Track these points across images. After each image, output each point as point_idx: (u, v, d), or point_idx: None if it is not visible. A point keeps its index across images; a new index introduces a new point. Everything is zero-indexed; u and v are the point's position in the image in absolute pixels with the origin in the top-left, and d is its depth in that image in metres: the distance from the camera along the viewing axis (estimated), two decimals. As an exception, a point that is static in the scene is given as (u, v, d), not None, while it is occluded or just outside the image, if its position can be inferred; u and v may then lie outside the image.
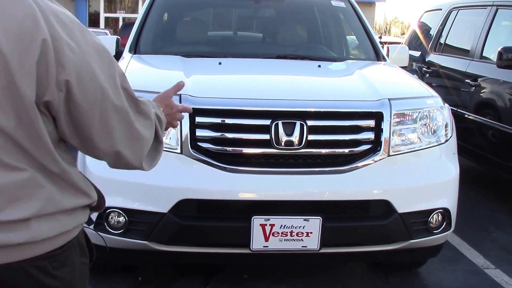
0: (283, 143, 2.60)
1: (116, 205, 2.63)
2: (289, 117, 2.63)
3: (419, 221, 2.71)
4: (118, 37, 4.03)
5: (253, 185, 2.59)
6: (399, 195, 2.66)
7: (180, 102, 2.62)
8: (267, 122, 2.62)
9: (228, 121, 2.64)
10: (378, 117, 2.70)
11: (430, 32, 6.31)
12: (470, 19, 5.60)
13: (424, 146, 2.81)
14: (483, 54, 4.91)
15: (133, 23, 4.18)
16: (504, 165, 4.32)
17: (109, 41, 3.89)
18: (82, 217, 1.32)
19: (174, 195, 2.56)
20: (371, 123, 2.71)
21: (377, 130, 2.70)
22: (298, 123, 2.61)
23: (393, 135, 2.70)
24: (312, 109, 2.68)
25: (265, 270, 3.23)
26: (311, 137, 2.63)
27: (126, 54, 3.59)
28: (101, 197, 1.44)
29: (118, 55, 3.81)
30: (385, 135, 2.68)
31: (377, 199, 2.65)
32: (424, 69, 5.88)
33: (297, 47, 4.03)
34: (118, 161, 1.33)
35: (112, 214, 2.66)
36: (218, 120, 2.64)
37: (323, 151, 2.66)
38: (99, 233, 2.66)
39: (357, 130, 2.70)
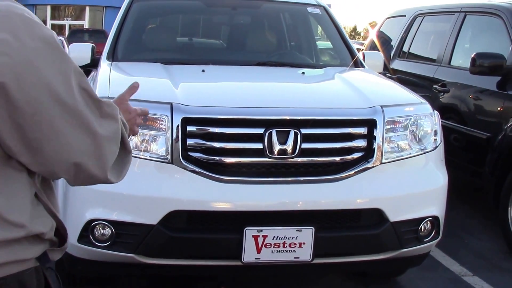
0: (276, 152, 2.59)
1: (102, 217, 2.56)
2: (283, 126, 2.63)
3: (410, 229, 2.76)
4: (93, 44, 3.93)
5: (245, 195, 2.57)
6: (391, 204, 2.70)
7: (172, 111, 2.59)
8: (260, 131, 2.61)
9: (220, 130, 2.61)
10: (370, 124, 2.74)
11: (392, 39, 6.45)
12: (437, 25, 5.78)
13: (414, 153, 2.87)
14: (452, 60, 5.07)
15: (81, 30, 4.07)
16: (475, 170, 4.47)
17: (84, 49, 3.79)
18: (22, 253, 1.11)
19: (164, 206, 2.51)
20: (363, 130, 2.74)
21: (369, 137, 2.73)
22: (292, 132, 2.61)
23: (385, 143, 2.75)
24: (307, 117, 2.69)
25: (241, 280, 3.22)
26: (305, 146, 2.63)
27: (103, 62, 3.50)
28: (61, 229, 1.28)
29: (94, 63, 3.73)
30: (378, 143, 2.71)
31: (369, 208, 2.68)
32: (388, 75, 6.01)
33: (274, 54, 4.05)
34: (78, 175, 1.14)
35: (97, 226, 2.58)
36: (210, 129, 2.61)
37: (316, 159, 2.68)
38: (82, 245, 2.63)
39: (350, 138, 2.72)
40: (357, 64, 3.91)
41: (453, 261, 3.71)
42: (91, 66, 3.74)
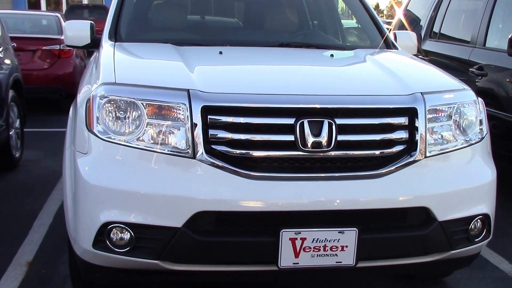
0: (309, 145, 2.44)
1: (119, 219, 2.41)
2: (316, 115, 2.47)
3: (459, 229, 2.60)
4: (92, 22, 3.74)
5: (279, 193, 2.40)
6: (439, 202, 2.53)
7: (189, 99, 2.43)
8: (290, 121, 2.45)
9: (246, 120, 2.45)
10: (411, 113, 2.57)
11: (420, 18, 6.26)
12: (468, 3, 5.58)
13: (459, 145, 2.70)
14: (487, 41, 4.88)
15: (79, 6, 3.88)
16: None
17: (82, 27, 3.60)
18: None
19: (189, 207, 2.36)
20: (403, 120, 2.57)
21: (411, 128, 2.57)
22: (326, 122, 2.45)
23: (428, 134, 2.59)
24: (342, 106, 2.52)
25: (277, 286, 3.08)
26: (341, 138, 2.47)
27: (105, 42, 3.32)
28: None
29: (94, 43, 3.55)
30: (420, 134, 2.54)
31: (416, 207, 2.52)
32: (420, 57, 5.82)
33: (297, 34, 3.87)
34: None
35: (114, 230, 2.43)
36: (235, 119, 2.44)
37: (354, 153, 2.52)
38: (98, 251, 2.49)
39: (390, 129, 2.56)
40: (389, 45, 3.73)
41: (501, 258, 3.58)
42: (92, 46, 3.57)
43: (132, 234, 2.41)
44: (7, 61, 5.51)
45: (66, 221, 2.68)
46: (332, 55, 3.26)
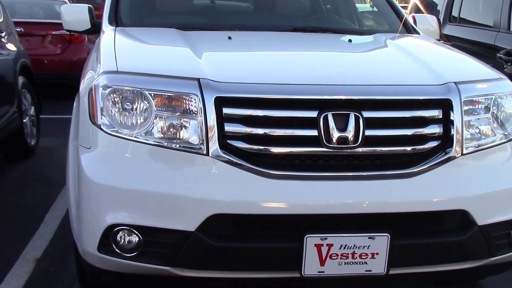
0: (334, 140, 2.12)
1: (126, 221, 2.14)
2: (341, 108, 2.15)
3: (501, 234, 2.30)
4: (90, 5, 3.41)
5: (302, 194, 2.10)
6: (478, 204, 2.22)
7: (200, 88, 2.12)
8: (313, 113, 2.14)
9: (264, 112, 2.14)
10: (445, 105, 2.25)
11: (437, 3, 5.88)
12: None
13: (498, 140, 2.38)
14: None
15: None
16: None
17: (79, 10, 3.29)
18: None
19: (203, 209, 2.07)
20: (437, 113, 2.25)
21: (445, 122, 2.24)
22: (352, 115, 2.14)
23: (464, 128, 2.25)
24: (370, 97, 2.20)
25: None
26: (369, 133, 2.16)
27: (106, 27, 3.03)
28: None
29: (94, 28, 3.23)
30: (456, 129, 2.23)
31: (453, 209, 2.19)
32: (442, 42, 5.45)
33: (311, 18, 3.52)
34: None
35: (121, 232, 2.15)
36: (252, 112, 2.13)
37: (384, 149, 2.19)
38: (104, 255, 2.20)
39: (422, 123, 2.24)
40: (409, 30, 3.38)
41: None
42: (93, 31, 3.25)
43: (141, 237, 2.14)
44: (12, 47, 5.20)
45: (70, 220, 2.39)
46: (350, 40, 2.93)
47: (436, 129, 2.23)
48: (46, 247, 3.40)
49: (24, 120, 5.17)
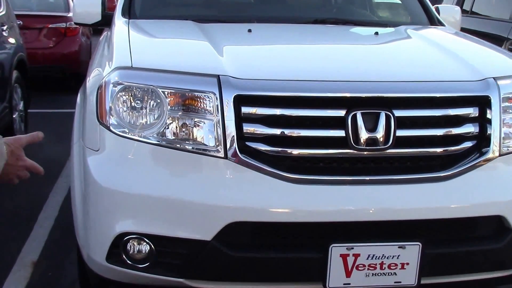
0: (362, 142, 1.99)
1: (138, 229, 1.99)
2: (371, 106, 2.02)
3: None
4: None
5: (329, 200, 1.97)
6: None
7: (220, 86, 1.98)
8: (341, 112, 2.01)
9: (287, 112, 2.00)
10: (482, 103, 2.12)
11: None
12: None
13: None
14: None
15: None
16: None
17: (93, 2, 3.13)
18: None
19: (220, 216, 1.93)
20: (472, 111, 2.13)
21: (481, 121, 2.12)
22: (383, 114, 2.01)
23: (502, 128, 2.13)
24: (402, 95, 2.07)
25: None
26: (400, 133, 2.03)
27: (118, 19, 2.86)
28: None
29: (105, 21, 3.09)
30: (494, 128, 2.10)
31: (489, 215, 2.08)
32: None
33: (331, 9, 3.38)
34: None
35: (131, 241, 2.01)
36: (273, 111, 2.00)
37: (415, 151, 2.07)
38: (113, 266, 2.07)
39: (456, 122, 2.11)
40: (433, 21, 3.25)
41: None
42: (103, 24, 3.11)
43: (153, 247, 2.00)
44: (12, 40, 5.03)
45: (75, 227, 2.25)
46: (376, 33, 2.79)
47: (471, 129, 2.10)
48: (43, 249, 3.25)
49: (14, 116, 5.01)
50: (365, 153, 2.01)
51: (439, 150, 2.09)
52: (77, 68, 7.62)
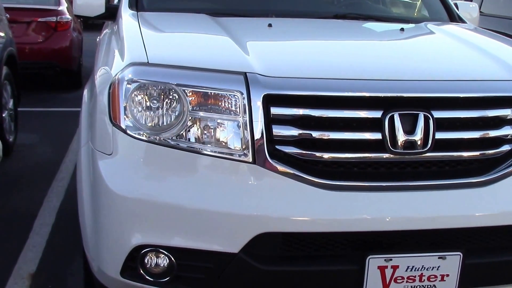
0: (400, 145, 1.87)
1: (156, 241, 1.84)
2: (409, 107, 1.90)
3: None
4: None
5: (365, 208, 1.84)
6: None
7: (247, 85, 1.85)
8: (377, 114, 1.88)
9: (320, 113, 1.87)
10: None
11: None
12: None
13: None
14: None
15: None
16: None
17: None
18: None
19: (249, 227, 1.79)
20: (511, 113, 2.02)
21: None
22: (421, 115, 1.89)
23: None
24: (441, 95, 1.96)
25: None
26: (439, 135, 1.91)
27: (125, 12, 2.69)
28: None
29: (109, 13, 2.93)
30: None
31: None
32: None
33: (350, 4, 3.25)
34: None
35: (149, 254, 1.87)
36: (305, 112, 1.86)
37: (453, 154, 1.96)
38: (128, 281, 1.93)
39: (496, 124, 2.00)
40: (454, 18, 3.14)
41: None
42: (107, 17, 2.95)
43: (174, 260, 1.86)
44: (1, 34, 4.83)
45: (83, 237, 2.09)
46: (402, 29, 2.67)
47: (510, 131, 2.00)
48: (40, 259, 3.07)
49: (3, 115, 4.81)
50: (403, 156, 1.89)
51: (477, 153, 1.98)
52: (68, 65, 7.40)
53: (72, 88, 7.69)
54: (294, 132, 1.85)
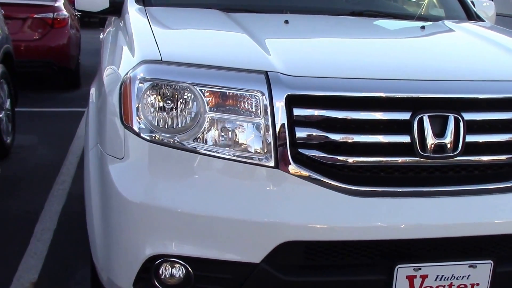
0: (430, 148, 1.79)
1: (172, 251, 1.75)
2: (439, 108, 1.82)
3: None
4: None
5: (393, 215, 1.76)
6: None
7: (269, 85, 1.76)
8: (406, 115, 1.80)
9: (346, 115, 1.78)
10: None
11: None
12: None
13: None
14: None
15: None
16: None
17: None
18: None
19: (272, 235, 1.70)
20: None
21: None
22: (451, 117, 1.81)
23: None
24: (472, 96, 1.88)
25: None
26: (469, 138, 1.83)
27: (131, 7, 2.60)
28: None
29: (114, 8, 2.83)
30: None
31: None
32: None
33: (366, 1, 3.17)
34: None
35: (164, 265, 1.78)
36: (331, 114, 1.77)
37: (483, 159, 1.88)
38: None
39: None
40: (471, 16, 3.07)
41: None
42: (111, 12, 2.86)
43: (191, 271, 1.77)
44: (-3, 30, 4.72)
45: (91, 246, 2.00)
46: (423, 27, 2.59)
47: None
48: (42, 267, 2.96)
49: (0, 115, 4.71)
50: (432, 160, 1.81)
51: (506, 157, 1.90)
52: (66, 63, 7.26)
53: (70, 87, 7.58)
54: (318, 134, 1.76)
